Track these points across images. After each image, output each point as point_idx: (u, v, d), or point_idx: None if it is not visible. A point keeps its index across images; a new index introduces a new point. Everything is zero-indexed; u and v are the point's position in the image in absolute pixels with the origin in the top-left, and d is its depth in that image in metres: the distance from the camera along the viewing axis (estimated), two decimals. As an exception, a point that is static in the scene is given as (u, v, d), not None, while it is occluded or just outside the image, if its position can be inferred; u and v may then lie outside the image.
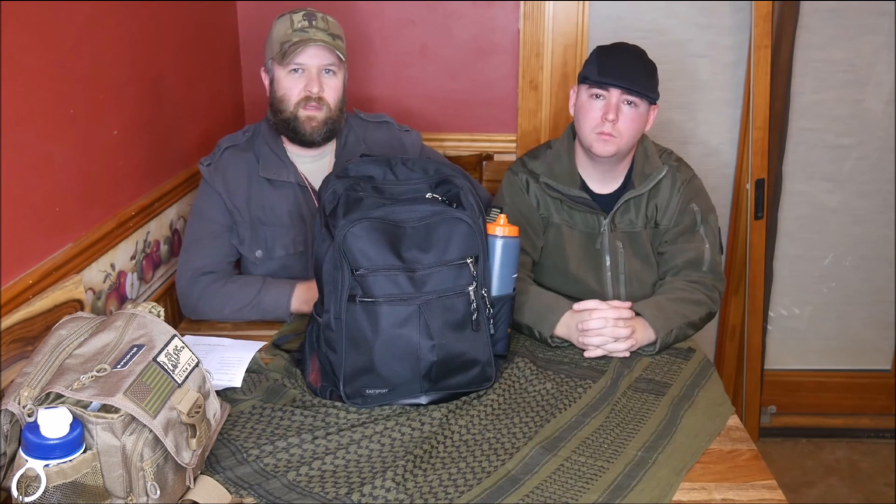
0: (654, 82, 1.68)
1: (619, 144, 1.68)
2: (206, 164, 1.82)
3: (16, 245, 1.29)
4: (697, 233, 1.77)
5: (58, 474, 0.95)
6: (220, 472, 1.21)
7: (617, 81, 1.64)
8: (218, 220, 1.79)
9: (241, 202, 1.80)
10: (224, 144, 1.85)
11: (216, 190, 1.79)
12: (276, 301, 1.71)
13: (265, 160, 1.81)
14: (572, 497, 1.16)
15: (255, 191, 1.80)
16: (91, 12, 1.54)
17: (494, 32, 2.43)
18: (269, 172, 1.80)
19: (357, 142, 1.89)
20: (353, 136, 1.90)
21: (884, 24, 2.51)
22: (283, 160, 1.82)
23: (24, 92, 1.31)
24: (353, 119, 1.93)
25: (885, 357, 2.87)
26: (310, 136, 1.77)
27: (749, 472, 1.23)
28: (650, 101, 1.68)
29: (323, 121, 1.76)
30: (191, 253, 1.78)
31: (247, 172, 1.81)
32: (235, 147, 1.84)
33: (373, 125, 1.95)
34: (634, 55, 1.70)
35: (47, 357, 1.08)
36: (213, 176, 1.80)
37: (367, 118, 1.96)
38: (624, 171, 1.79)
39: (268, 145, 1.83)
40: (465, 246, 1.37)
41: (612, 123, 1.65)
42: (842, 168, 2.66)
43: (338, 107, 1.78)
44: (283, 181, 1.81)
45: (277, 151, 1.82)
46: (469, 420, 1.35)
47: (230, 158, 1.82)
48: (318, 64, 1.74)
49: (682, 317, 1.62)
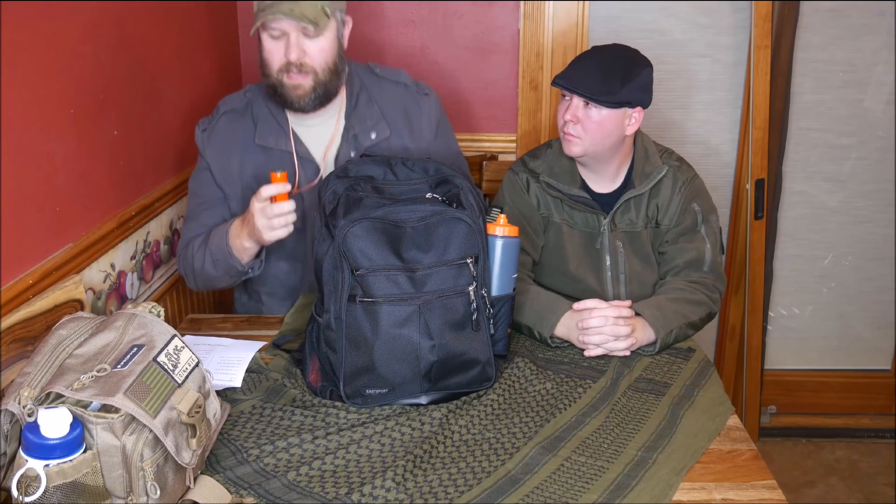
0: (614, 87, 1.63)
1: (585, 146, 1.69)
2: (201, 129, 1.78)
3: (16, 245, 1.29)
4: (698, 233, 1.77)
5: (58, 474, 0.95)
6: (220, 472, 1.21)
7: (567, 84, 1.66)
8: (208, 195, 1.77)
9: (232, 172, 1.75)
10: (223, 108, 1.79)
11: (206, 162, 1.76)
12: (219, 245, 1.65)
13: (263, 126, 1.74)
14: (572, 497, 1.16)
15: (248, 160, 1.74)
16: (91, 12, 1.54)
17: (494, 32, 2.43)
18: (265, 140, 1.73)
19: (370, 103, 1.78)
20: (364, 96, 1.78)
21: (884, 24, 2.51)
22: (283, 126, 1.73)
23: (24, 92, 1.31)
24: (367, 76, 1.81)
25: (885, 357, 2.87)
26: (297, 105, 1.67)
27: (749, 472, 1.23)
28: (612, 105, 1.65)
29: (311, 88, 1.65)
30: (186, 227, 1.78)
31: (241, 140, 1.75)
32: (233, 112, 1.78)
33: (389, 84, 1.82)
34: (600, 59, 1.68)
35: (47, 357, 1.08)
36: (206, 143, 1.76)
37: (382, 74, 1.83)
38: (624, 170, 1.79)
39: (267, 108, 1.75)
40: (465, 246, 1.37)
41: (572, 124, 1.67)
42: (842, 168, 2.66)
43: (328, 69, 1.65)
44: (280, 150, 1.73)
45: (277, 116, 1.74)
46: (469, 420, 1.35)
47: (226, 125, 1.77)
48: (298, 26, 1.59)
49: (683, 317, 1.62)
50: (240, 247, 1.63)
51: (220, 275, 1.70)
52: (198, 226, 1.76)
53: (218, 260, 1.66)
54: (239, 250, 1.64)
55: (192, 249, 1.73)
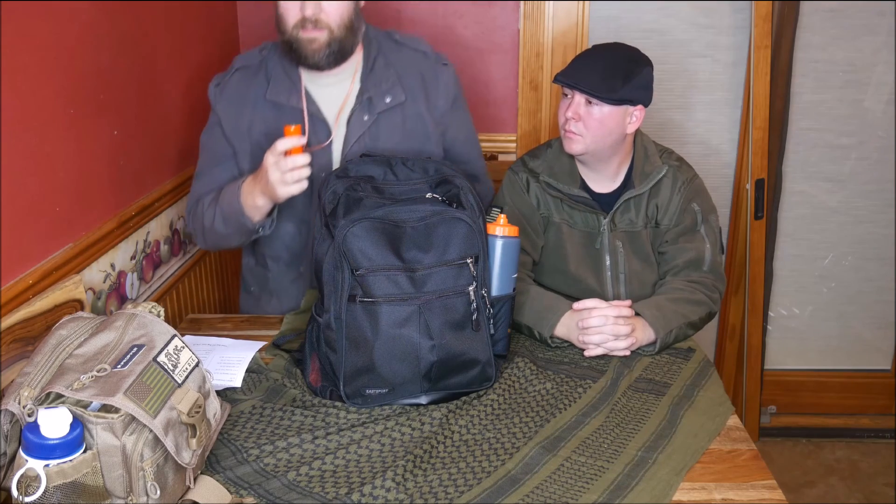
0: (616, 84, 1.64)
1: (586, 143, 1.69)
2: (215, 84, 1.77)
3: (16, 245, 1.29)
4: (698, 233, 1.77)
5: (58, 474, 0.95)
6: (220, 472, 1.21)
7: (569, 80, 1.67)
8: (218, 150, 1.76)
9: (242, 127, 1.73)
10: (237, 64, 1.79)
11: (217, 116, 1.75)
12: (230, 202, 1.64)
13: (275, 82, 1.73)
14: (572, 497, 1.16)
15: (259, 115, 1.73)
16: (91, 12, 1.54)
17: (494, 32, 2.43)
18: (276, 95, 1.72)
19: (387, 66, 1.76)
20: (382, 60, 1.76)
21: (884, 24, 2.51)
22: (295, 84, 1.72)
23: (24, 92, 1.31)
24: (386, 41, 1.80)
25: (885, 357, 2.87)
26: (312, 60, 1.65)
27: (749, 472, 1.23)
28: (613, 103, 1.66)
29: (325, 43, 1.64)
30: (196, 183, 1.78)
31: (253, 96, 1.74)
32: (247, 69, 1.77)
33: (408, 51, 1.81)
34: (601, 57, 1.69)
35: (47, 357, 1.08)
36: (218, 98, 1.76)
37: (402, 40, 1.82)
38: (624, 170, 1.79)
39: (281, 66, 1.74)
40: (465, 246, 1.37)
41: (574, 122, 1.67)
42: (842, 168, 2.66)
43: (343, 26, 1.64)
44: (291, 107, 1.71)
45: (291, 73, 1.73)
46: (469, 420, 1.35)
47: (239, 80, 1.76)
48: None
49: (682, 317, 1.62)
50: (252, 204, 1.62)
51: (230, 233, 1.68)
52: (207, 182, 1.75)
53: (229, 217, 1.65)
54: (251, 208, 1.63)
55: (202, 206, 1.72)
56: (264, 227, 1.70)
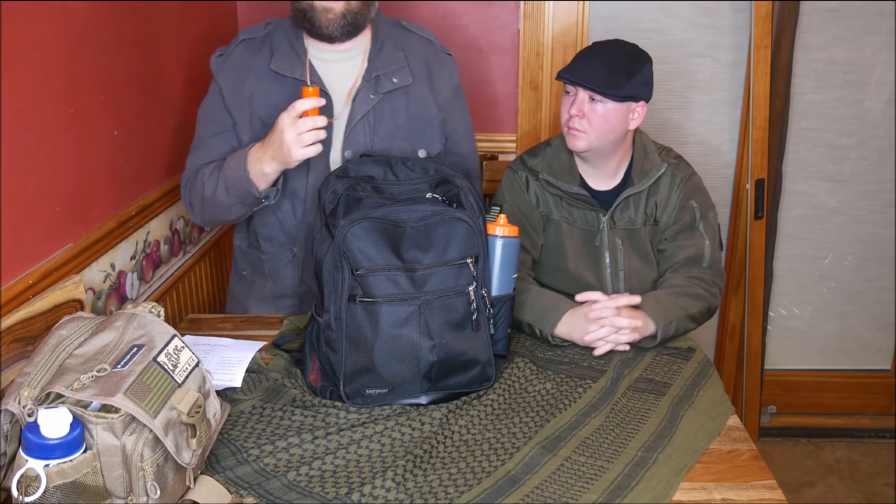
0: (620, 80, 1.65)
1: (590, 140, 1.69)
2: (217, 55, 1.77)
3: (16, 245, 1.29)
4: (697, 229, 1.77)
5: (58, 474, 0.95)
6: (220, 472, 1.21)
7: (573, 77, 1.67)
8: (219, 120, 1.75)
9: (243, 96, 1.73)
10: (241, 36, 1.78)
11: (218, 86, 1.74)
12: (236, 169, 1.62)
13: (279, 54, 1.73)
14: (572, 497, 1.16)
15: (260, 86, 1.72)
16: (91, 12, 1.54)
17: (494, 32, 2.43)
18: (279, 66, 1.71)
19: (395, 49, 1.78)
20: (391, 42, 1.78)
21: (884, 25, 2.51)
22: (301, 57, 1.72)
23: (24, 92, 1.31)
24: (395, 27, 1.83)
25: (885, 357, 2.87)
26: (326, 29, 1.66)
27: (749, 472, 1.23)
28: (618, 99, 1.66)
29: (341, 13, 1.65)
30: (192, 155, 1.76)
31: (256, 66, 1.73)
32: (252, 40, 1.77)
33: (417, 38, 1.84)
34: (604, 54, 1.69)
35: (47, 357, 1.08)
36: (220, 68, 1.75)
37: (410, 28, 1.85)
38: (623, 168, 1.79)
39: (287, 40, 1.74)
40: (465, 246, 1.37)
41: (578, 118, 1.67)
42: (842, 168, 2.66)
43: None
44: (294, 78, 1.70)
45: (296, 47, 1.73)
46: (469, 420, 1.35)
47: (243, 51, 1.76)
48: None
49: (681, 309, 1.62)
50: (259, 171, 1.61)
51: (232, 203, 1.66)
52: (205, 153, 1.74)
53: (233, 186, 1.63)
54: (258, 176, 1.61)
55: (202, 176, 1.70)
56: (269, 196, 1.68)
